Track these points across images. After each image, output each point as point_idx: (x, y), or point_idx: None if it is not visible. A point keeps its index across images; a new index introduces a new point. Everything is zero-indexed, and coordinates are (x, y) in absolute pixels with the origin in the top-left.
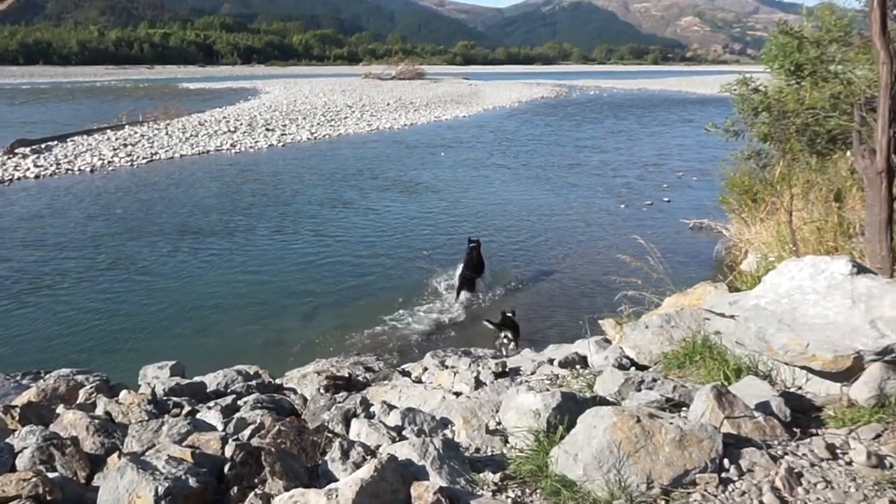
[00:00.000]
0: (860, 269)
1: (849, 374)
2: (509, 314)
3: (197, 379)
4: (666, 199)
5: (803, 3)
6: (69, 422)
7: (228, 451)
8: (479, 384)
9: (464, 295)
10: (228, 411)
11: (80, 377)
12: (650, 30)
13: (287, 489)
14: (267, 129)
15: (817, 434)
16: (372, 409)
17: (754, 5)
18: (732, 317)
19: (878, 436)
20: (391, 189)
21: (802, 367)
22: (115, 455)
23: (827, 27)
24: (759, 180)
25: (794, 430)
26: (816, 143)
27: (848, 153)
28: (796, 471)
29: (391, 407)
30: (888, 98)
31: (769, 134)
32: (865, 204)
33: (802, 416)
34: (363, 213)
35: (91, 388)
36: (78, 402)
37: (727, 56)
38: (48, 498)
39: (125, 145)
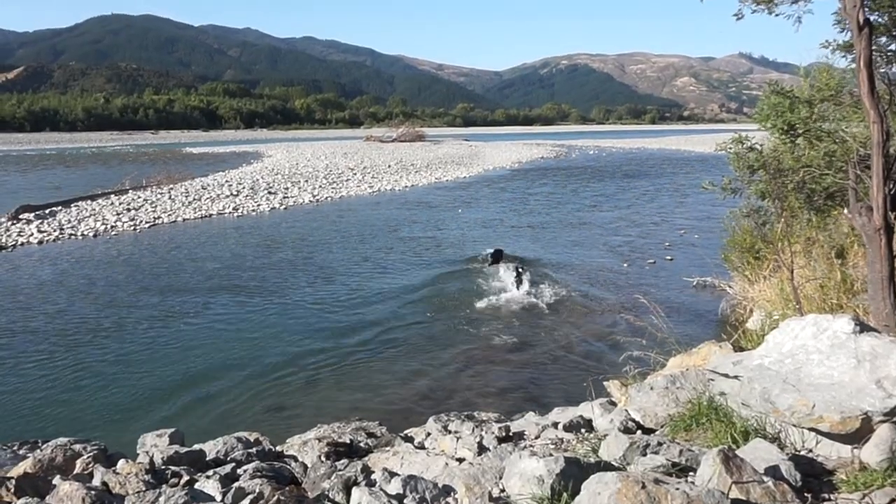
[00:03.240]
0: (863, 328)
1: (859, 436)
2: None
3: (196, 447)
4: (668, 257)
5: (799, 64)
6: (65, 493)
7: None
8: (482, 449)
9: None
10: (227, 480)
11: (77, 446)
12: (647, 90)
13: None
14: (269, 193)
15: (829, 499)
16: (373, 476)
17: (748, 66)
18: (737, 377)
19: (893, 500)
20: (392, 249)
21: (810, 429)
22: None
23: (818, 86)
24: (760, 238)
25: (806, 495)
26: (814, 200)
27: (845, 210)
28: None
29: (392, 474)
30: (881, 156)
31: (766, 191)
32: (867, 261)
33: (814, 480)
34: (365, 276)
35: (88, 457)
36: (75, 472)
37: (724, 115)
38: None
39: (128, 209)
